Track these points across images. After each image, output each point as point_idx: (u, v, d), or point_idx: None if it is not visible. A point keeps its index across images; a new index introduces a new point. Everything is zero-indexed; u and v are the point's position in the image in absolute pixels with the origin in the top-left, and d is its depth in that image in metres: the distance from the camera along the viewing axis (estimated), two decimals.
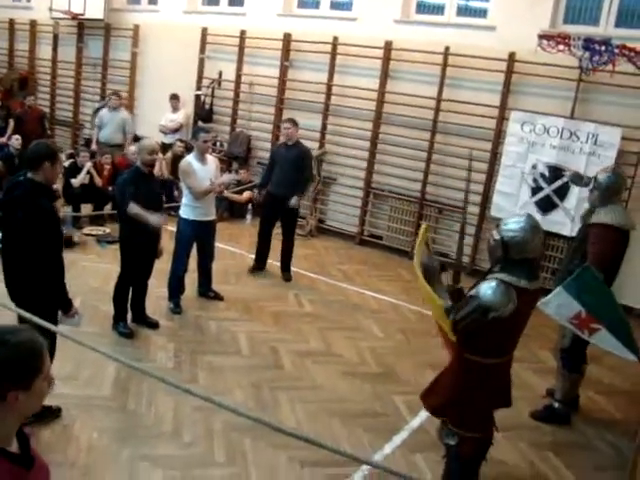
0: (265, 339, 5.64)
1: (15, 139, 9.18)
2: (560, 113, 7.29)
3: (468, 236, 7.78)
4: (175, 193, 8.71)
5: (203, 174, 5.92)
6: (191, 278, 6.32)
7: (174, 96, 10.31)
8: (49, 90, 12.97)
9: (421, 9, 8.61)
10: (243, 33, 9.80)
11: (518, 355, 3.50)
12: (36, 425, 3.78)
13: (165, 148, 9.62)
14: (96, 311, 5.66)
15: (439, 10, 8.49)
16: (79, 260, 6.88)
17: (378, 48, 8.43)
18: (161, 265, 5.84)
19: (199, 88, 10.41)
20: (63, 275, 3.92)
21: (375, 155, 8.81)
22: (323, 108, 9.11)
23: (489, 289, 3.07)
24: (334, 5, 9.34)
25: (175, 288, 6.10)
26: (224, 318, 6.01)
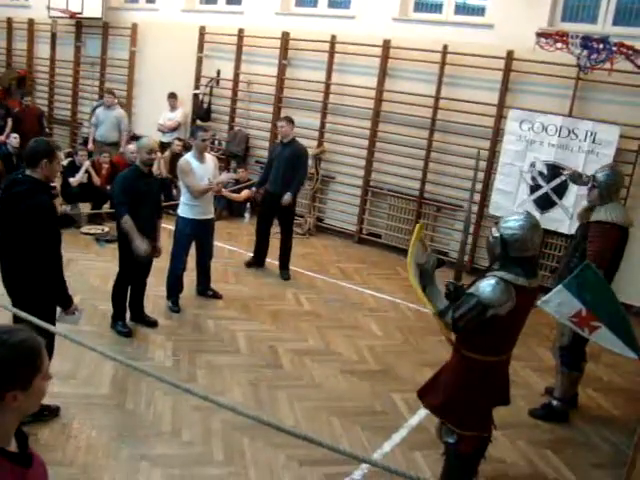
0: (264, 338, 5.64)
1: (13, 137, 9.17)
2: (558, 111, 7.29)
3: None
4: (173, 192, 8.70)
5: (201, 173, 5.92)
6: (190, 277, 6.32)
7: (172, 95, 10.31)
8: (47, 89, 12.96)
9: (419, 7, 8.60)
10: (241, 32, 9.79)
11: (517, 353, 3.51)
12: (35, 424, 3.79)
13: (163, 147, 9.61)
14: (95, 310, 5.66)
15: (437, 8, 8.48)
16: (78, 259, 6.87)
17: (376, 46, 8.43)
18: (160, 264, 5.84)
19: (197, 87, 10.41)
20: (62, 271, 3.91)
21: (374, 153, 8.81)
22: (321, 107, 9.11)
23: (488, 286, 3.09)
24: (332, 3, 9.34)
25: (174, 287, 6.10)
26: (223, 317, 6.01)
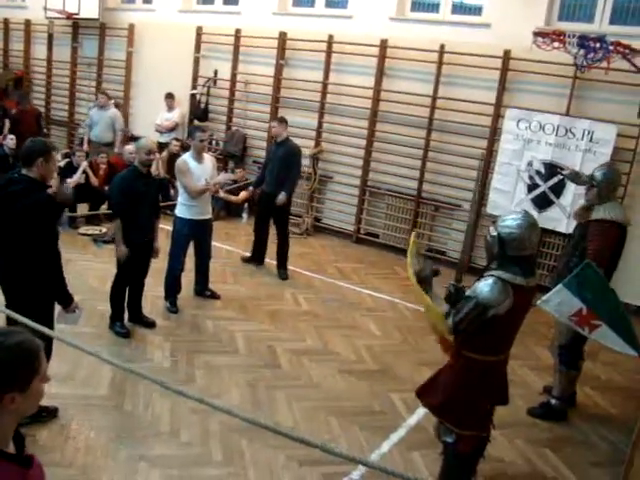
0: (262, 338, 5.64)
1: (10, 139, 9.15)
2: (555, 110, 7.30)
3: (462, 233, 7.80)
4: (171, 192, 8.69)
5: (199, 173, 5.91)
6: (187, 277, 6.32)
7: (169, 95, 10.30)
8: (44, 90, 12.94)
9: (416, 7, 8.61)
10: (238, 32, 9.78)
11: (514, 352, 3.51)
12: (33, 425, 3.79)
13: (161, 147, 9.60)
14: (93, 311, 5.65)
15: (434, 8, 8.49)
16: (75, 260, 6.86)
17: (373, 46, 8.43)
18: (157, 264, 5.84)
19: (194, 87, 10.40)
20: (61, 269, 3.91)
21: (371, 153, 8.81)
22: (319, 106, 9.10)
23: (486, 286, 3.09)
24: (329, 3, 9.34)
25: (171, 287, 6.10)
26: (221, 317, 6.01)
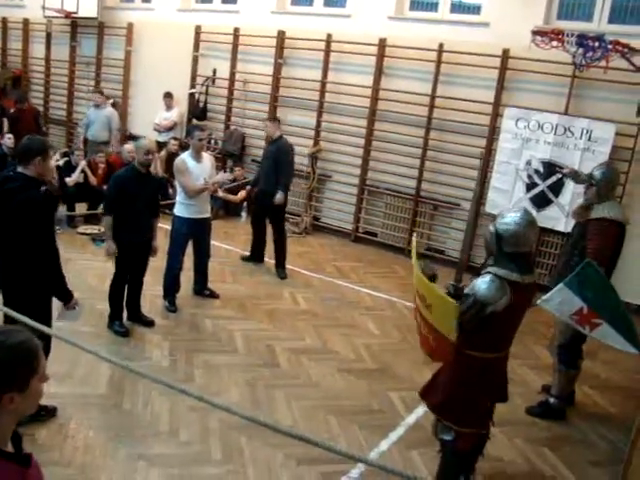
0: (261, 337, 5.64)
1: (7, 138, 9.13)
2: (554, 109, 7.30)
3: (460, 232, 7.80)
4: (170, 191, 8.69)
5: (198, 172, 5.90)
6: (186, 276, 6.31)
7: (168, 94, 10.29)
8: (43, 89, 12.92)
9: (415, 6, 8.61)
10: (237, 31, 9.78)
11: (514, 351, 3.51)
12: (32, 424, 3.78)
13: (160, 146, 9.61)
14: (92, 310, 5.63)
15: (433, 7, 8.49)
16: (74, 259, 6.85)
17: (372, 45, 8.43)
18: (156, 263, 5.84)
19: (193, 86, 10.40)
20: (60, 265, 3.91)
21: (370, 152, 8.81)
22: (317, 105, 9.11)
23: (483, 284, 3.12)
24: (328, 2, 9.33)
25: (170, 286, 6.09)
26: (220, 316, 6.01)
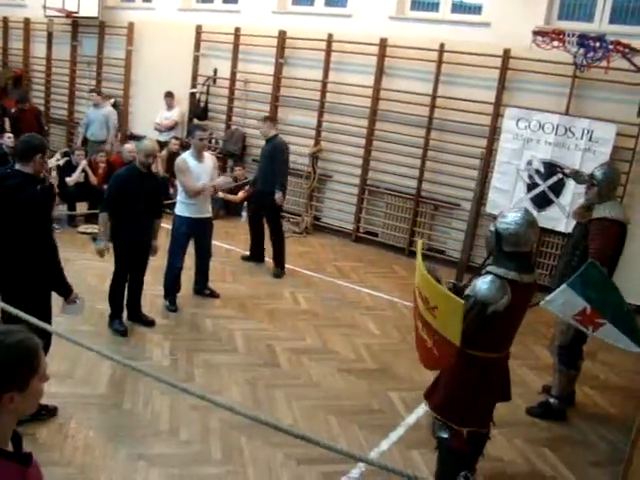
0: (261, 337, 5.64)
1: (7, 137, 9.13)
2: (555, 109, 7.30)
3: (461, 232, 7.79)
4: (170, 190, 8.69)
5: (199, 172, 5.91)
6: (187, 276, 6.31)
7: (169, 94, 10.30)
8: (44, 88, 12.93)
9: (416, 6, 8.61)
10: (238, 30, 9.78)
11: (514, 351, 3.51)
12: (32, 424, 3.78)
13: (161, 146, 9.59)
14: (92, 309, 5.62)
15: (434, 7, 8.49)
16: (75, 258, 6.85)
17: (373, 45, 8.43)
18: (157, 263, 5.84)
19: (194, 86, 10.40)
20: (59, 260, 3.92)
21: (370, 152, 8.81)
22: (318, 105, 9.11)
23: (484, 284, 3.12)
24: (329, 2, 9.33)
25: (171, 286, 6.09)
26: (220, 316, 6.01)
